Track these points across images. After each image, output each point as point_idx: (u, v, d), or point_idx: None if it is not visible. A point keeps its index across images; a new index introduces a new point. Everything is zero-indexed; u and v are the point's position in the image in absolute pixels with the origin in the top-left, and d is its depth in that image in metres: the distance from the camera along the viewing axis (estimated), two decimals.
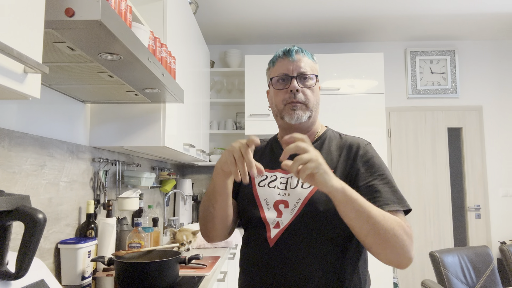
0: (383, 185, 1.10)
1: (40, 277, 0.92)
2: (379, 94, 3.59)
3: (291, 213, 1.13)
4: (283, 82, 1.20)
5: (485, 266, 2.54)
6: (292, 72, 1.19)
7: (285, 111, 1.19)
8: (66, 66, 1.27)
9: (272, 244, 1.13)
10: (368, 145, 1.21)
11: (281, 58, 1.22)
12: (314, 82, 1.21)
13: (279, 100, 1.20)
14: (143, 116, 1.88)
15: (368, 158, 1.15)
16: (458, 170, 4.16)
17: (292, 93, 1.17)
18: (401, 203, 1.08)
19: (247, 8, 3.38)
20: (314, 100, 1.21)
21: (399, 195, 1.10)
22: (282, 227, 1.13)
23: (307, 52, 1.24)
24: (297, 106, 1.17)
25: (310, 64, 1.22)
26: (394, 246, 0.99)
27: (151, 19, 1.93)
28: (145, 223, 2.35)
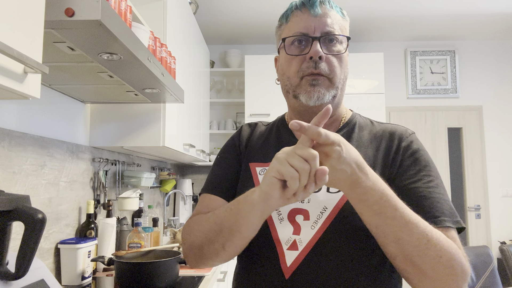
0: (430, 189, 0.81)
1: (40, 277, 0.92)
2: (379, 94, 3.59)
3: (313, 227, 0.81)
4: (300, 45, 0.86)
5: (485, 266, 2.54)
6: (315, 32, 0.85)
7: (301, 87, 0.86)
8: (66, 66, 1.26)
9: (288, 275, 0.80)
10: (413, 135, 0.91)
11: (299, 10, 0.88)
12: (345, 48, 0.87)
13: (293, 71, 0.86)
14: (143, 116, 1.88)
15: (413, 151, 0.86)
16: (458, 170, 4.16)
17: (313, 61, 0.84)
18: (454, 217, 0.78)
19: (247, 8, 3.38)
20: (342, 74, 0.87)
21: (450, 206, 0.80)
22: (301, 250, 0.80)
23: (335, 5, 0.90)
24: (318, 80, 0.84)
25: (340, 21, 0.88)
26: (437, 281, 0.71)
27: (151, 19, 1.93)
28: (145, 223, 2.35)
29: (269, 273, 0.83)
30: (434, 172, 0.85)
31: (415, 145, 0.87)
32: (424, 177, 0.82)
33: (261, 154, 0.94)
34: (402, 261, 0.72)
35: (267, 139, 0.97)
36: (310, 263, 0.79)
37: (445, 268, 0.70)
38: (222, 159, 0.99)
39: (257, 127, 1.02)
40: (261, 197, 0.68)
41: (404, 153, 0.86)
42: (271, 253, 0.83)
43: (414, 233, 0.70)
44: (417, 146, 0.88)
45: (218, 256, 0.82)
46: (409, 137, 0.89)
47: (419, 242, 0.70)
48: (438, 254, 0.70)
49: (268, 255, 0.83)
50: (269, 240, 0.83)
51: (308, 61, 0.85)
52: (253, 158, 0.94)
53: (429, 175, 0.83)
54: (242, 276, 0.90)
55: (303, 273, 0.80)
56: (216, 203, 0.91)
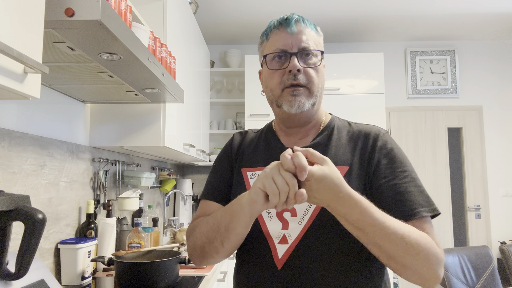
0: (407, 184, 0.90)
1: (40, 277, 0.92)
2: (379, 94, 3.59)
3: (300, 223, 0.91)
4: (280, 60, 0.96)
5: (485, 266, 2.54)
6: (292, 48, 0.95)
7: (283, 98, 0.95)
8: (66, 66, 1.26)
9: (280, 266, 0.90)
10: (387, 134, 1.00)
11: (277, 29, 0.98)
12: (319, 60, 0.97)
13: (275, 83, 0.96)
14: (143, 116, 1.88)
15: (388, 150, 0.95)
16: (458, 170, 4.16)
17: (292, 74, 0.93)
18: (430, 205, 0.89)
19: (247, 8, 3.38)
20: (319, 83, 0.97)
21: (427, 196, 0.91)
22: (290, 243, 0.90)
23: (309, 22, 1.00)
24: (298, 90, 0.94)
25: (314, 37, 0.98)
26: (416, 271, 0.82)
27: (151, 19, 1.93)
28: (145, 223, 2.35)
29: (263, 265, 0.92)
30: (409, 167, 0.94)
31: (390, 144, 0.96)
32: (400, 173, 0.92)
33: (251, 160, 1.04)
34: (385, 260, 0.83)
35: (257, 145, 1.07)
36: (299, 254, 0.89)
37: (422, 262, 0.81)
38: (217, 167, 1.10)
39: (247, 134, 1.12)
40: (248, 202, 0.79)
41: (379, 152, 0.95)
42: (264, 248, 0.93)
43: (392, 239, 0.79)
44: (391, 145, 0.96)
45: (218, 253, 0.91)
46: (383, 137, 0.98)
47: (398, 246, 0.79)
48: (416, 251, 0.80)
49: (261, 250, 0.93)
50: (261, 236, 0.93)
51: (287, 74, 0.94)
52: (244, 163, 1.04)
53: (404, 171, 0.92)
54: (240, 271, 0.99)
55: (294, 263, 0.89)
56: (212, 207, 1.01)
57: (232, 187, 1.03)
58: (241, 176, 1.03)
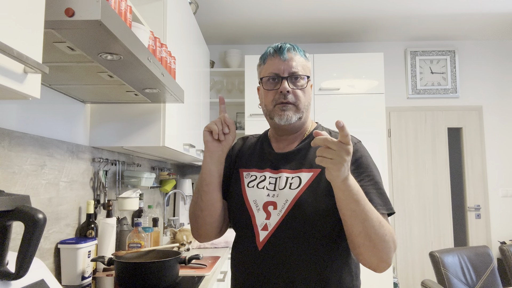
0: (369, 187, 1.08)
1: (40, 277, 0.92)
2: (379, 94, 3.59)
3: (278, 214, 1.11)
4: (273, 82, 1.16)
5: (485, 266, 2.54)
6: (283, 72, 1.15)
7: (274, 112, 1.16)
8: (66, 66, 1.27)
9: (260, 248, 1.11)
10: (358, 144, 1.17)
11: (272, 56, 1.18)
12: (306, 83, 1.17)
13: (269, 100, 1.17)
14: (143, 116, 1.88)
15: (356, 158, 1.12)
16: (458, 170, 4.16)
17: (283, 94, 1.14)
18: (387, 205, 1.09)
19: (247, 8, 3.38)
20: (305, 101, 1.17)
21: (385, 197, 1.10)
22: (270, 230, 1.10)
23: (299, 50, 1.20)
24: (287, 107, 1.14)
25: (302, 63, 1.18)
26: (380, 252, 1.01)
27: (151, 19, 1.93)
28: (145, 223, 2.35)
29: (248, 246, 1.14)
30: (373, 172, 1.13)
31: (359, 153, 1.14)
32: (364, 177, 1.10)
33: (247, 162, 1.25)
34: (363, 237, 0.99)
35: (254, 150, 1.27)
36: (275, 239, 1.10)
37: (387, 243, 1.01)
38: None
39: (248, 140, 1.33)
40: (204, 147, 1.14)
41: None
42: (250, 233, 1.14)
43: (374, 216, 0.99)
44: (360, 153, 1.14)
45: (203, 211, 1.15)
46: (354, 146, 1.13)
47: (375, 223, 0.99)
48: (384, 233, 1.00)
49: (248, 234, 1.14)
50: (249, 224, 1.14)
51: (279, 94, 1.14)
52: (242, 165, 1.25)
53: (368, 175, 1.11)
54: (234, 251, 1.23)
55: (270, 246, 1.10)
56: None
57: (230, 185, 1.23)
58: (238, 175, 1.22)
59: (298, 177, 1.14)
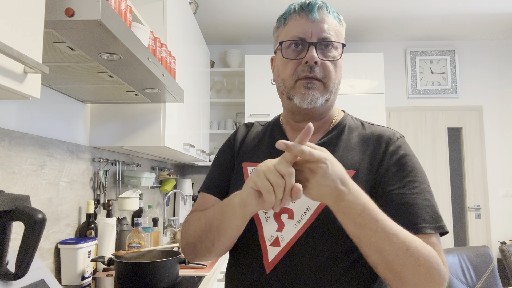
0: (414, 196, 0.82)
1: (40, 277, 0.92)
2: (379, 94, 3.59)
3: (295, 226, 0.84)
4: (296, 48, 0.89)
5: (485, 266, 2.54)
6: (311, 37, 0.88)
7: (295, 90, 0.88)
8: (66, 66, 1.26)
9: (269, 270, 0.84)
10: (401, 139, 0.91)
11: (297, 14, 0.90)
12: (340, 54, 0.91)
13: (289, 73, 0.89)
14: (143, 116, 1.88)
15: (400, 156, 0.87)
16: (458, 170, 4.16)
17: (308, 65, 0.86)
18: (435, 223, 0.81)
19: (247, 8, 3.38)
20: (336, 79, 0.91)
21: (434, 211, 0.82)
22: (283, 246, 0.84)
23: (332, 10, 0.92)
24: (313, 83, 0.87)
25: (336, 28, 0.91)
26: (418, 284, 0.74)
27: (151, 19, 1.93)
28: (145, 223, 2.35)
29: (252, 267, 0.87)
30: (421, 177, 0.86)
31: (402, 150, 0.88)
32: (409, 183, 0.83)
33: (253, 154, 0.98)
34: (383, 269, 0.75)
35: (262, 139, 1.01)
36: (290, 259, 0.83)
37: (423, 275, 0.73)
38: (218, 159, 1.05)
39: (253, 127, 1.06)
40: (241, 203, 0.75)
41: (390, 158, 0.87)
42: (255, 249, 0.87)
43: (394, 243, 0.72)
44: (404, 151, 0.88)
45: (210, 253, 0.88)
46: (397, 142, 0.90)
47: (399, 252, 0.72)
48: (417, 262, 0.73)
49: (252, 251, 0.88)
50: (255, 236, 0.88)
51: (303, 65, 0.87)
52: (246, 158, 0.98)
53: (414, 181, 0.84)
54: (230, 270, 0.95)
55: (283, 268, 0.83)
56: (210, 202, 0.97)
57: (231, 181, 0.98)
58: (241, 171, 0.97)
59: None
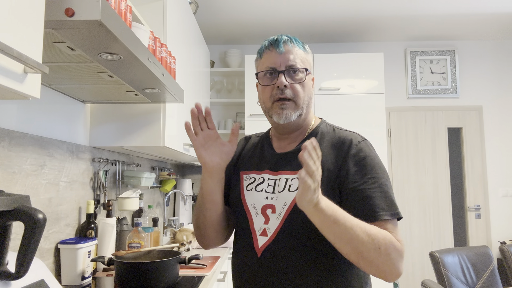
0: (373, 190, 0.99)
1: (40, 277, 0.92)
2: (379, 94, 3.59)
3: (278, 219, 1.04)
4: (270, 76, 1.09)
5: (485, 266, 2.54)
6: (280, 66, 1.07)
7: (273, 110, 1.08)
8: (66, 66, 1.27)
9: (259, 254, 1.05)
10: (363, 142, 1.08)
11: (268, 49, 1.11)
12: (305, 76, 1.09)
13: (266, 97, 1.09)
14: (143, 116, 1.88)
15: (360, 158, 1.04)
16: (458, 170, 4.16)
17: (280, 89, 1.06)
18: (392, 210, 0.98)
19: (247, 8, 3.38)
20: (305, 96, 1.09)
21: (390, 201, 1.00)
22: (269, 236, 1.04)
23: (297, 41, 1.12)
24: (285, 104, 1.06)
25: (301, 56, 1.10)
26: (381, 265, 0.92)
27: (151, 19, 1.93)
28: (145, 223, 2.35)
29: (247, 252, 1.08)
30: (379, 173, 1.02)
31: (362, 153, 1.05)
32: (369, 179, 1.01)
33: (248, 164, 1.18)
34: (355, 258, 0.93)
35: (255, 150, 1.21)
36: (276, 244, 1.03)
37: (384, 255, 0.92)
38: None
39: (251, 139, 1.27)
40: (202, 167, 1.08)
41: (352, 160, 1.04)
42: (248, 238, 1.08)
43: (358, 233, 0.90)
44: (364, 153, 1.05)
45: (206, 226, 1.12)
46: (358, 145, 1.06)
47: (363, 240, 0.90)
48: (377, 245, 0.91)
49: (246, 239, 1.09)
50: (247, 229, 1.09)
51: (276, 89, 1.07)
52: (243, 167, 1.19)
53: (373, 177, 1.01)
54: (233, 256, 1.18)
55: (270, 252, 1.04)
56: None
57: (231, 188, 1.18)
58: (239, 178, 1.17)
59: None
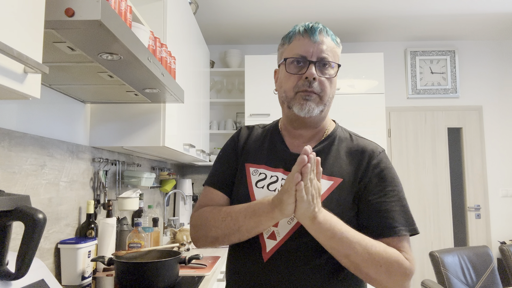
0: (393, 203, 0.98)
1: (40, 277, 0.92)
2: (379, 94, 3.59)
3: (289, 223, 0.98)
4: (298, 65, 1.02)
5: (485, 266, 2.54)
6: (312, 56, 1.01)
7: (295, 100, 1.02)
8: (66, 66, 1.27)
9: (266, 259, 0.98)
10: (383, 153, 1.06)
11: (301, 35, 1.03)
12: (335, 73, 1.04)
13: (290, 86, 1.02)
14: (143, 116, 1.88)
15: (381, 169, 1.01)
16: (458, 170, 4.16)
17: (308, 81, 1.00)
18: (409, 226, 0.97)
19: (247, 8, 3.38)
20: (330, 93, 1.04)
21: (409, 216, 0.99)
22: (279, 240, 0.98)
23: (330, 33, 1.05)
24: (310, 96, 1.00)
25: (333, 49, 1.04)
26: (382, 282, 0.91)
27: (151, 19, 1.93)
28: (145, 223, 2.35)
29: (251, 256, 1.00)
30: (398, 187, 1.01)
31: (383, 164, 1.03)
32: (388, 192, 0.99)
33: (255, 156, 1.09)
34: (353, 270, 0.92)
35: (262, 143, 1.12)
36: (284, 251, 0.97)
37: (384, 273, 0.90)
38: (223, 156, 1.15)
39: (254, 129, 1.18)
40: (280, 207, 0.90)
41: (372, 171, 1.01)
42: (253, 241, 0.99)
43: (357, 249, 0.90)
44: (384, 164, 1.03)
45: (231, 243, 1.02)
46: (379, 156, 1.04)
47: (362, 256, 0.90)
48: (378, 263, 0.90)
49: (252, 242, 1.00)
50: None
51: (303, 80, 1.00)
52: (248, 159, 1.10)
53: (393, 190, 0.99)
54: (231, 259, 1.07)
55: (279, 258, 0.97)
56: (218, 198, 1.09)
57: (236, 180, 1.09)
58: (244, 170, 1.08)
59: None
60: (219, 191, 1.09)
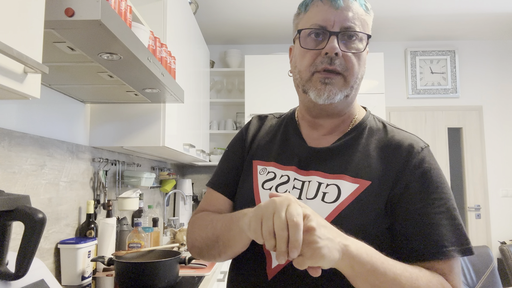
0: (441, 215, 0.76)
1: (40, 277, 0.92)
2: (379, 94, 3.59)
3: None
4: (316, 38, 0.80)
5: (485, 266, 2.54)
6: (334, 26, 0.79)
7: (311, 83, 0.80)
8: (66, 66, 1.27)
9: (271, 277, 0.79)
10: (426, 149, 0.82)
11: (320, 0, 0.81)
12: (364, 46, 0.81)
13: (306, 64, 0.80)
14: (143, 116, 1.88)
15: (424, 171, 0.79)
16: (458, 170, 4.16)
17: (328, 56, 0.78)
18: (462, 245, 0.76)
19: (247, 8, 3.38)
20: (359, 73, 0.81)
21: (462, 232, 0.76)
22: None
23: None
24: (332, 78, 0.78)
25: (362, 16, 0.81)
26: None
27: (151, 19, 1.93)
28: (145, 223, 2.35)
29: (254, 272, 0.82)
30: (446, 193, 0.79)
31: (427, 164, 0.80)
32: (434, 201, 0.77)
33: (264, 152, 0.91)
34: None
35: (275, 135, 0.93)
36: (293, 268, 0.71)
37: None
38: (229, 154, 0.98)
39: (267, 120, 0.98)
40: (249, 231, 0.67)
41: (412, 172, 0.79)
42: (259, 256, 0.82)
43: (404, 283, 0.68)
44: (428, 164, 0.80)
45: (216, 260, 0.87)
46: (421, 153, 0.80)
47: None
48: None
49: (256, 257, 0.82)
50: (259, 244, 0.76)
51: (323, 57, 0.79)
52: (257, 155, 0.92)
53: (440, 198, 0.78)
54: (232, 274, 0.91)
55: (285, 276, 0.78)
56: (218, 201, 0.93)
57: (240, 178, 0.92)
58: (251, 168, 0.90)
59: (336, 186, 0.79)
60: (221, 194, 0.93)
